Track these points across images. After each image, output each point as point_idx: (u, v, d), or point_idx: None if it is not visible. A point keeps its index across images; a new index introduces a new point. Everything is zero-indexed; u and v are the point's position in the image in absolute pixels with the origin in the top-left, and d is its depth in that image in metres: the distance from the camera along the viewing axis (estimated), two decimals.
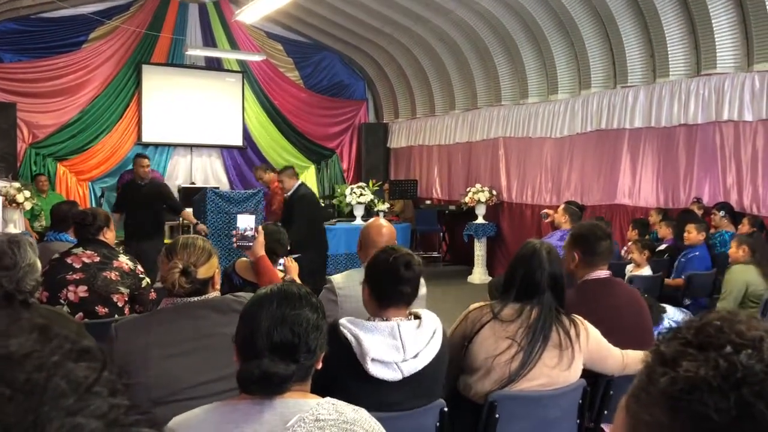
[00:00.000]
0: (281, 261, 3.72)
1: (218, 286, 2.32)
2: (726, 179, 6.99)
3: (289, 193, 6.92)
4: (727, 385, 0.63)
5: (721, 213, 6.27)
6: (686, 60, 7.36)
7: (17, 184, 7.37)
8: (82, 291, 3.29)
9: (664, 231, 6.43)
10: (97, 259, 3.39)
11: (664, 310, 4.66)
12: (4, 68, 9.96)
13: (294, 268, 3.69)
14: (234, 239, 3.13)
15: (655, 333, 4.11)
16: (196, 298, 2.18)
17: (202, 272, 2.17)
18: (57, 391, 0.48)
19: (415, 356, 2.10)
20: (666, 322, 4.48)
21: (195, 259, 2.17)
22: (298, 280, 3.70)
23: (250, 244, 3.12)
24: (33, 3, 9.63)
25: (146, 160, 7.35)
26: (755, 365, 0.64)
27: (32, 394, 0.47)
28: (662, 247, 6.29)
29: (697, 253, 5.64)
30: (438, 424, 2.28)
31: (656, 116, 7.59)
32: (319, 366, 1.57)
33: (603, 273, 2.98)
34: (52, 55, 10.26)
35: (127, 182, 7.94)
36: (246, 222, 3.11)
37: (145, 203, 7.01)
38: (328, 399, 1.47)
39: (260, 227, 3.21)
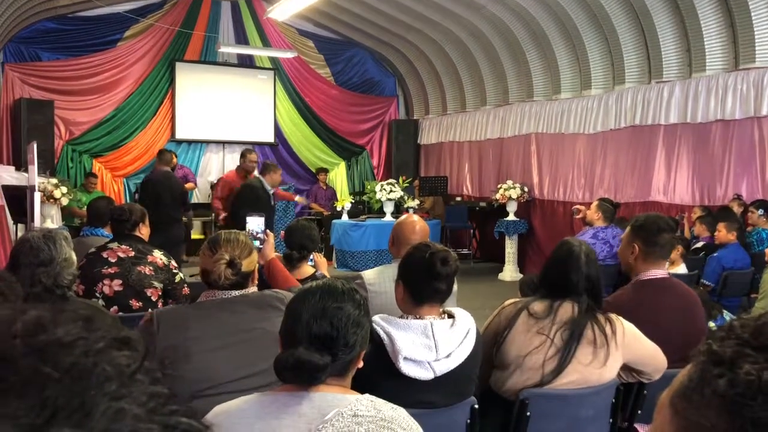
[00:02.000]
0: (311, 257, 3.74)
1: (256, 282, 2.35)
2: (765, 176, 6.83)
3: None
4: None
5: (760, 211, 6.13)
6: (724, 54, 7.21)
7: (54, 180, 7.53)
8: (116, 285, 3.34)
9: (699, 228, 6.32)
10: (132, 253, 3.45)
11: (721, 309, 4.60)
12: (42, 66, 10.17)
13: (323, 263, 3.71)
14: None
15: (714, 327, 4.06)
16: (236, 293, 2.22)
17: (245, 266, 2.23)
18: (102, 376, 0.49)
19: (448, 356, 2.09)
20: (727, 317, 4.43)
21: (239, 253, 2.22)
22: (328, 275, 3.72)
23: (260, 246, 2.99)
24: (70, 2, 9.82)
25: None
26: None
27: (79, 378, 0.48)
28: (699, 245, 6.18)
29: (716, 254, 5.49)
30: (468, 420, 2.27)
31: (692, 112, 7.45)
32: (360, 364, 1.58)
33: (660, 272, 2.85)
34: (88, 53, 10.45)
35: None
36: (255, 224, 3.03)
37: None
38: (366, 396, 1.48)
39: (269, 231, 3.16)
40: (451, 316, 2.20)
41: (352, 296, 1.58)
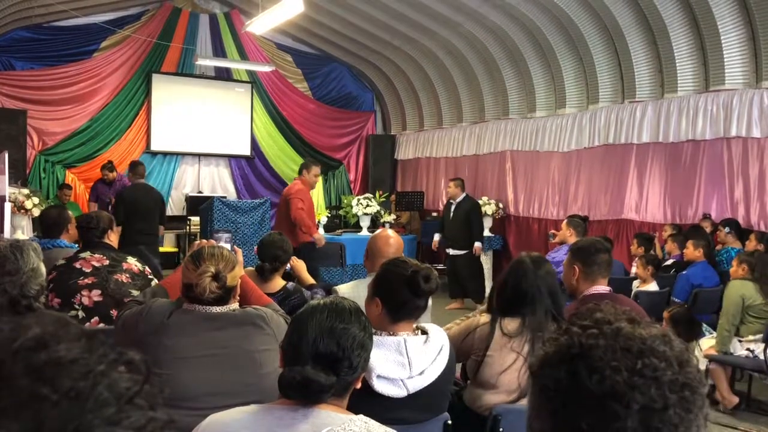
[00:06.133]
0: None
1: (238, 297, 2.33)
2: (733, 195, 6.96)
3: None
4: (562, 358, 0.79)
5: (726, 229, 6.25)
6: (694, 76, 7.36)
7: (26, 191, 7.42)
8: (95, 295, 3.26)
9: (671, 246, 6.41)
10: (107, 262, 3.36)
11: (701, 326, 4.88)
12: (16, 76, 10.04)
13: (301, 266, 3.69)
14: None
15: None
16: (218, 309, 2.19)
17: (229, 280, 2.21)
18: (100, 400, 0.48)
19: (421, 373, 2.08)
20: (707, 333, 4.95)
21: (222, 267, 2.19)
22: (309, 279, 3.70)
23: None
24: (46, 12, 9.72)
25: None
26: (588, 341, 0.79)
27: (77, 401, 0.47)
28: (669, 262, 6.27)
29: (686, 272, 5.60)
30: None
31: (664, 132, 7.58)
32: (359, 385, 1.58)
33: (603, 288, 2.98)
34: (64, 64, 10.35)
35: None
36: (222, 241, 3.00)
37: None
38: (360, 416, 1.48)
39: (237, 247, 3.09)
40: (424, 332, 2.19)
41: (358, 317, 1.58)
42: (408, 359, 2.06)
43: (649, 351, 0.78)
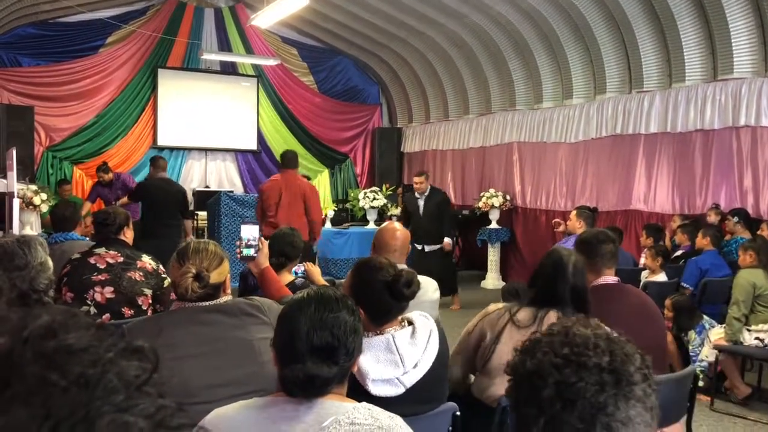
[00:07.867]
0: (300, 267, 3.70)
1: (229, 291, 2.32)
2: (743, 185, 6.92)
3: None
4: (521, 350, 1.01)
5: (735, 219, 6.21)
6: (702, 65, 7.31)
7: (34, 187, 7.45)
8: (108, 292, 3.27)
9: (681, 237, 6.39)
10: (121, 259, 3.37)
11: (701, 316, 5.02)
12: (23, 72, 10.07)
13: (316, 271, 3.67)
14: (237, 250, 2.94)
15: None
16: (206, 303, 2.18)
17: (215, 277, 2.18)
18: (109, 387, 0.48)
19: (415, 366, 2.07)
20: (707, 324, 5.04)
21: (207, 264, 2.17)
22: (322, 282, 3.70)
23: (254, 255, 2.95)
24: (51, 8, 9.74)
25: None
26: (542, 337, 0.99)
27: (86, 388, 0.47)
28: (678, 253, 6.25)
29: (695, 258, 5.60)
30: (450, 428, 2.27)
31: (672, 122, 7.54)
32: (355, 368, 1.59)
33: (611, 279, 2.98)
34: (70, 59, 10.37)
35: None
36: (249, 232, 3.00)
37: None
38: (364, 404, 1.48)
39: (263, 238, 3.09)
40: (410, 322, 2.16)
41: (345, 303, 1.58)
42: (399, 355, 2.04)
43: (584, 343, 0.94)
